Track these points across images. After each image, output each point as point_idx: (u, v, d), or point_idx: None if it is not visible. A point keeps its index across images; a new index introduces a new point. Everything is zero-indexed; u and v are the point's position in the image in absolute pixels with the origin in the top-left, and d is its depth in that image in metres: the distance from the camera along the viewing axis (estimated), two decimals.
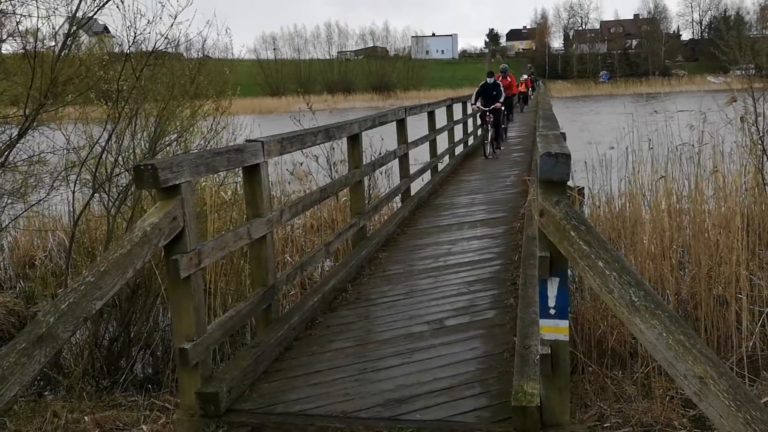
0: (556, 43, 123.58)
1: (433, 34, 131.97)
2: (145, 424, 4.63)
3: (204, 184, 7.67)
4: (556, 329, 3.26)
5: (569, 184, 9.36)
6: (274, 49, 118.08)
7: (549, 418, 3.38)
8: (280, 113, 46.02)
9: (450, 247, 7.29)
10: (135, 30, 6.62)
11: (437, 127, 13.35)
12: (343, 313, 5.41)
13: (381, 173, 11.65)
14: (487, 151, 15.33)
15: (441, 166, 13.46)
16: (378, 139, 11.57)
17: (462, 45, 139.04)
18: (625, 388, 5.12)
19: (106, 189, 6.60)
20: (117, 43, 7.95)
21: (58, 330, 2.89)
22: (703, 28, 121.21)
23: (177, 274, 3.64)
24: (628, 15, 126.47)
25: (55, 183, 7.42)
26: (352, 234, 7.19)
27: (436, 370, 4.17)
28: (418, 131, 12.03)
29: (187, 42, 8.00)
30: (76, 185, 6.84)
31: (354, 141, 7.34)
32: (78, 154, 7.13)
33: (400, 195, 9.91)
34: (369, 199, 9.56)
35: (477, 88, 15.82)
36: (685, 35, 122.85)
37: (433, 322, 5.04)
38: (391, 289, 5.97)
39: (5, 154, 6.69)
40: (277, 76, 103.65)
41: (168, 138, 7.07)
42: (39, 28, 6.71)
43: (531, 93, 38.89)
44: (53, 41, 6.84)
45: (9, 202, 7.72)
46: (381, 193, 10.81)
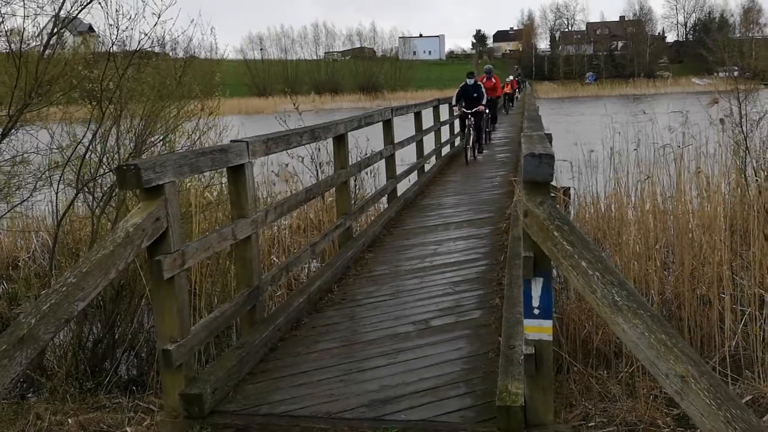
0: (543, 44, 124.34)
1: (420, 35, 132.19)
2: (129, 426, 4.60)
3: (189, 184, 7.63)
4: (540, 329, 3.28)
5: (555, 184, 9.42)
6: (261, 49, 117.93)
7: (533, 418, 3.39)
8: (267, 114, 45.88)
9: (436, 248, 7.29)
10: (118, 29, 6.59)
11: (424, 127, 13.37)
12: (328, 314, 5.41)
13: (367, 174, 11.65)
14: (468, 156, 14.74)
15: (428, 167, 13.47)
16: (364, 140, 11.58)
17: (449, 46, 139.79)
18: (609, 388, 5.15)
19: (91, 189, 6.55)
20: (101, 43, 7.88)
21: (39, 331, 2.87)
22: (687, 30, 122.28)
23: (160, 275, 3.62)
24: (613, 17, 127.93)
25: (38, 183, 7.35)
26: (338, 235, 7.18)
27: (422, 371, 4.17)
28: (405, 132, 12.04)
29: (172, 41, 7.97)
30: (60, 185, 6.79)
31: (340, 141, 7.33)
32: (62, 153, 7.08)
33: (386, 196, 9.91)
34: (355, 200, 9.54)
35: (457, 90, 15.29)
36: (670, 37, 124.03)
37: (418, 323, 5.04)
38: (377, 289, 5.97)
39: None
40: (264, 77, 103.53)
41: (153, 138, 7.03)
42: (24, 27, 6.65)
43: (517, 94, 38.77)
44: (37, 41, 6.79)
45: None
46: (367, 194, 10.80)
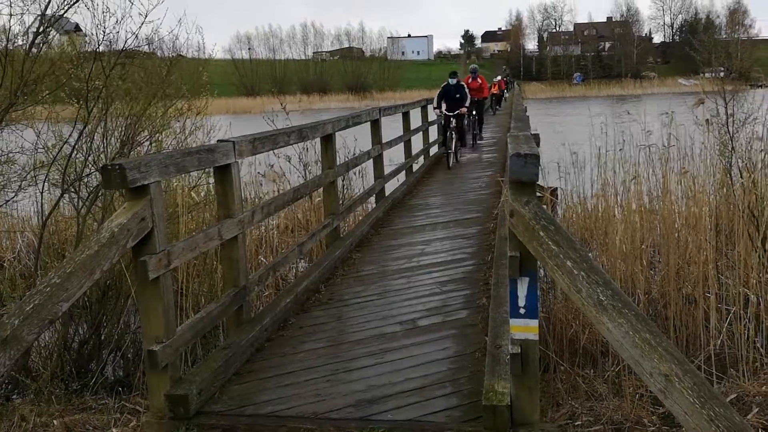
0: (531, 44, 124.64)
1: (409, 36, 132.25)
2: (115, 427, 4.56)
3: (176, 185, 7.60)
4: (526, 328, 3.29)
5: (543, 185, 9.42)
6: (249, 48, 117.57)
7: (519, 417, 3.40)
8: (255, 113, 45.73)
9: (424, 248, 7.30)
10: (104, 28, 6.55)
11: (412, 127, 13.39)
12: (315, 314, 5.40)
13: (355, 174, 11.64)
14: (450, 161, 13.95)
15: (416, 167, 13.49)
16: (352, 140, 11.57)
17: (437, 46, 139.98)
18: (596, 387, 5.17)
19: (76, 189, 6.51)
20: (87, 42, 7.83)
21: (23, 332, 2.85)
22: (674, 31, 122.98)
23: (146, 275, 3.61)
24: (601, 18, 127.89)
25: (23, 183, 7.30)
26: (326, 235, 7.17)
27: (408, 371, 4.18)
28: (393, 132, 12.04)
29: (159, 40, 7.92)
30: (45, 185, 6.74)
31: (327, 141, 7.32)
32: (47, 153, 7.02)
33: (374, 195, 9.91)
34: (343, 200, 9.53)
35: (439, 90, 14.43)
36: (657, 38, 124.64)
37: (405, 323, 5.05)
38: (364, 289, 5.97)
39: None
40: (252, 76, 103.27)
41: (140, 138, 6.99)
42: (10, 26, 6.59)
43: (506, 95, 38.56)
44: (23, 39, 6.74)
45: None
46: (355, 194, 10.79)
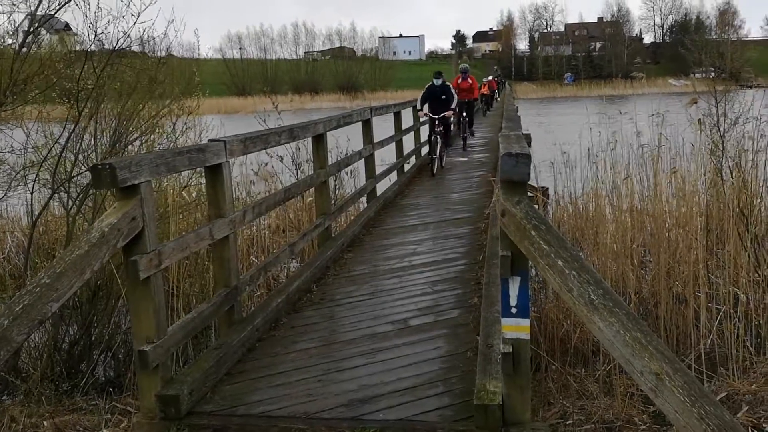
0: (522, 45, 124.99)
1: (401, 35, 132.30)
2: (106, 428, 4.55)
3: (167, 184, 7.58)
4: (517, 328, 3.29)
5: (534, 184, 9.43)
6: (240, 48, 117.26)
7: (510, 416, 3.41)
8: (247, 113, 45.70)
9: (415, 247, 7.30)
10: (96, 28, 6.52)
11: (404, 127, 13.38)
12: (307, 314, 5.39)
13: (347, 174, 11.64)
14: (435, 167, 12.76)
15: (407, 167, 13.48)
16: (344, 139, 11.57)
17: (429, 46, 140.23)
18: (587, 386, 5.19)
19: (66, 189, 6.48)
20: (78, 42, 7.80)
21: (12, 333, 2.83)
22: (664, 31, 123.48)
23: (136, 275, 3.59)
24: (592, 18, 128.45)
25: (13, 183, 7.26)
26: (318, 234, 7.16)
27: (400, 370, 4.18)
28: (384, 132, 12.04)
29: (150, 39, 7.90)
30: (35, 185, 6.70)
31: (319, 141, 7.31)
32: (37, 153, 6.99)
33: (366, 195, 9.91)
34: (335, 200, 9.54)
35: (423, 92, 13.34)
36: (647, 38, 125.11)
37: (397, 322, 5.04)
38: (356, 289, 5.96)
39: None
40: (244, 76, 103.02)
41: (130, 137, 6.97)
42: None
43: (497, 95, 38.27)
44: (13, 39, 6.70)
45: None
46: (347, 194, 10.79)
